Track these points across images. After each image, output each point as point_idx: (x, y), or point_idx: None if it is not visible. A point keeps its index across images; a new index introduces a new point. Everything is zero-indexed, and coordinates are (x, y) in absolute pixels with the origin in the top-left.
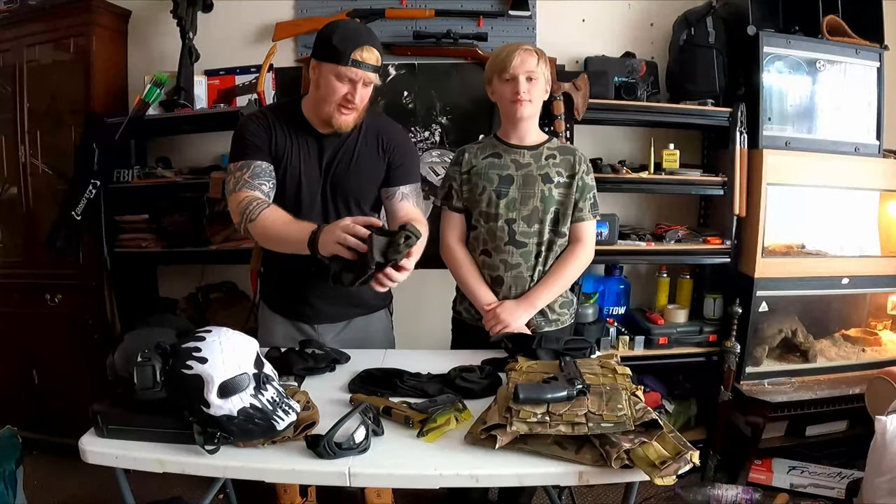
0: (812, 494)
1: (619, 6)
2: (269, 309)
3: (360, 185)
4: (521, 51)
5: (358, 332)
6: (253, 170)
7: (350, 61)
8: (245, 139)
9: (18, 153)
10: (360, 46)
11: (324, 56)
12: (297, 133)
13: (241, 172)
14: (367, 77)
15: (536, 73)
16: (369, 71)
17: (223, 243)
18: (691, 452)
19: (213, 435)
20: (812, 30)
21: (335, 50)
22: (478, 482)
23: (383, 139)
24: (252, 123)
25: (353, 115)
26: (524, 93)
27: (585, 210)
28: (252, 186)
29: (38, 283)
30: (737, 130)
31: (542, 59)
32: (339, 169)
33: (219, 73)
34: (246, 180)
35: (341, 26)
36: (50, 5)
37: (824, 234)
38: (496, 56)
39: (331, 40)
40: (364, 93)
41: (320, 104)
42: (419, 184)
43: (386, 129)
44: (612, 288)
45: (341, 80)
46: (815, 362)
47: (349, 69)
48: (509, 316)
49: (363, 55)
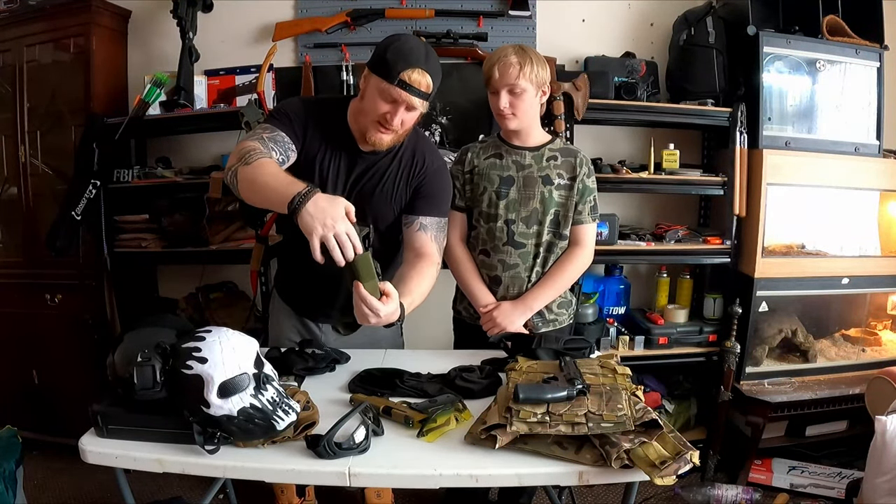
0: (812, 494)
1: (619, 6)
2: (280, 300)
3: (382, 207)
4: (501, 63)
5: (362, 334)
6: (274, 135)
7: (397, 81)
8: (285, 111)
9: (18, 153)
10: (411, 67)
11: (374, 68)
12: (333, 139)
13: (262, 131)
14: (410, 101)
15: (519, 85)
16: (415, 96)
17: (223, 243)
18: (691, 452)
19: (213, 435)
20: (812, 30)
21: (385, 64)
22: (478, 482)
23: (417, 165)
24: (297, 107)
25: (390, 135)
26: (505, 107)
27: (585, 213)
28: (265, 145)
29: (38, 283)
30: (737, 130)
31: (530, 66)
32: (365, 188)
33: (219, 73)
34: (262, 137)
35: (400, 41)
36: (50, 5)
37: (824, 234)
38: (485, 64)
39: (385, 53)
40: (406, 117)
41: (360, 115)
42: (444, 219)
43: (423, 155)
44: (612, 288)
45: (384, 97)
46: (815, 362)
47: (393, 88)
48: (505, 319)
49: (412, 77)
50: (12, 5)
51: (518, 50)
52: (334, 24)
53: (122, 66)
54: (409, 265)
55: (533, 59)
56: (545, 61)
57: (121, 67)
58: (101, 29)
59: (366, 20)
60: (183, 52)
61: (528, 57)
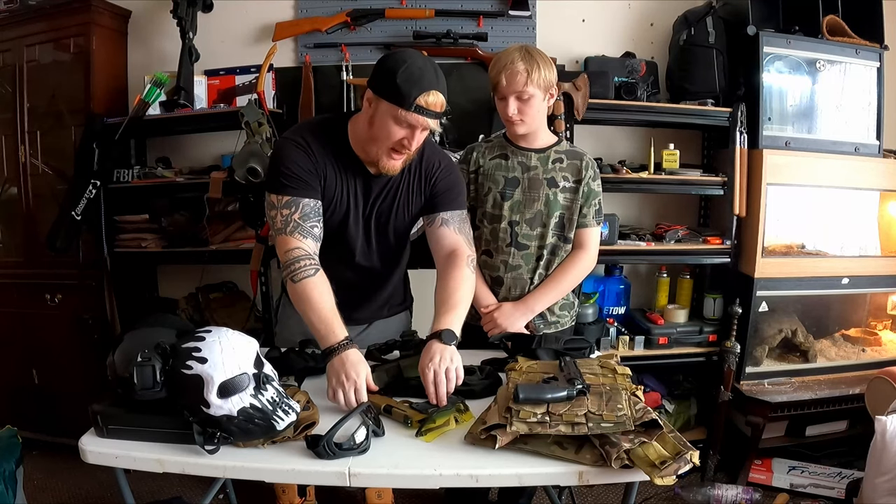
0: (812, 494)
1: (619, 6)
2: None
3: (400, 221)
4: (508, 71)
5: (379, 333)
6: (302, 209)
7: (413, 107)
8: (291, 172)
9: (18, 153)
10: (426, 91)
11: (384, 93)
12: (346, 172)
13: (288, 210)
14: (427, 125)
15: (527, 92)
16: (431, 118)
17: (223, 243)
18: (691, 452)
19: (213, 435)
20: (812, 30)
21: (398, 91)
22: (478, 482)
23: (426, 170)
24: (298, 155)
25: (402, 159)
26: (514, 114)
27: (590, 216)
28: (304, 231)
29: (38, 283)
30: (737, 130)
31: (538, 71)
32: (382, 208)
33: (219, 73)
34: (297, 223)
35: (407, 63)
36: (50, 5)
37: (824, 234)
38: (491, 68)
39: (395, 78)
40: (420, 138)
41: (370, 143)
42: (465, 212)
43: (431, 159)
44: (612, 288)
45: (400, 123)
46: (815, 362)
47: (410, 114)
48: (506, 320)
49: (428, 100)
50: (12, 5)
51: (524, 54)
52: (334, 24)
53: (122, 66)
54: (441, 275)
55: (540, 64)
56: (551, 62)
57: (121, 67)
58: (101, 29)
59: (366, 20)
60: (183, 52)
61: (535, 62)
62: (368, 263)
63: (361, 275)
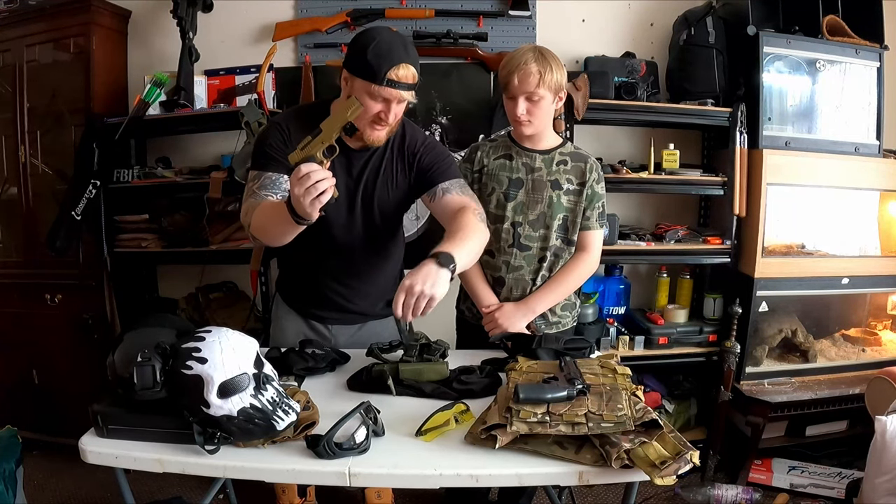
0: (812, 494)
1: (619, 6)
2: (284, 303)
3: (386, 195)
4: (521, 72)
5: (372, 334)
6: (262, 181)
7: (385, 81)
8: (262, 150)
9: (18, 153)
10: (396, 65)
11: (357, 71)
12: None
13: (252, 183)
14: (401, 96)
15: (538, 93)
16: (404, 90)
17: (223, 243)
18: (691, 452)
19: (213, 435)
20: (812, 30)
21: (369, 67)
22: (478, 482)
23: (409, 147)
24: (273, 135)
25: (385, 130)
26: (522, 114)
27: (593, 219)
28: (257, 197)
29: (38, 283)
30: (737, 130)
31: (550, 73)
32: (368, 183)
33: (219, 73)
34: (254, 191)
35: (377, 39)
36: (50, 5)
37: (824, 234)
38: (503, 67)
39: (365, 55)
40: (398, 109)
41: None
42: (461, 179)
43: (411, 138)
44: (612, 288)
45: (374, 98)
46: (815, 362)
47: (384, 89)
48: (507, 320)
49: (399, 73)
50: (12, 5)
51: (537, 56)
52: (334, 24)
53: (122, 66)
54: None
55: (553, 66)
56: (562, 64)
57: (121, 67)
58: (101, 29)
59: (366, 20)
60: (183, 52)
61: (547, 64)
62: (349, 238)
63: (344, 258)
